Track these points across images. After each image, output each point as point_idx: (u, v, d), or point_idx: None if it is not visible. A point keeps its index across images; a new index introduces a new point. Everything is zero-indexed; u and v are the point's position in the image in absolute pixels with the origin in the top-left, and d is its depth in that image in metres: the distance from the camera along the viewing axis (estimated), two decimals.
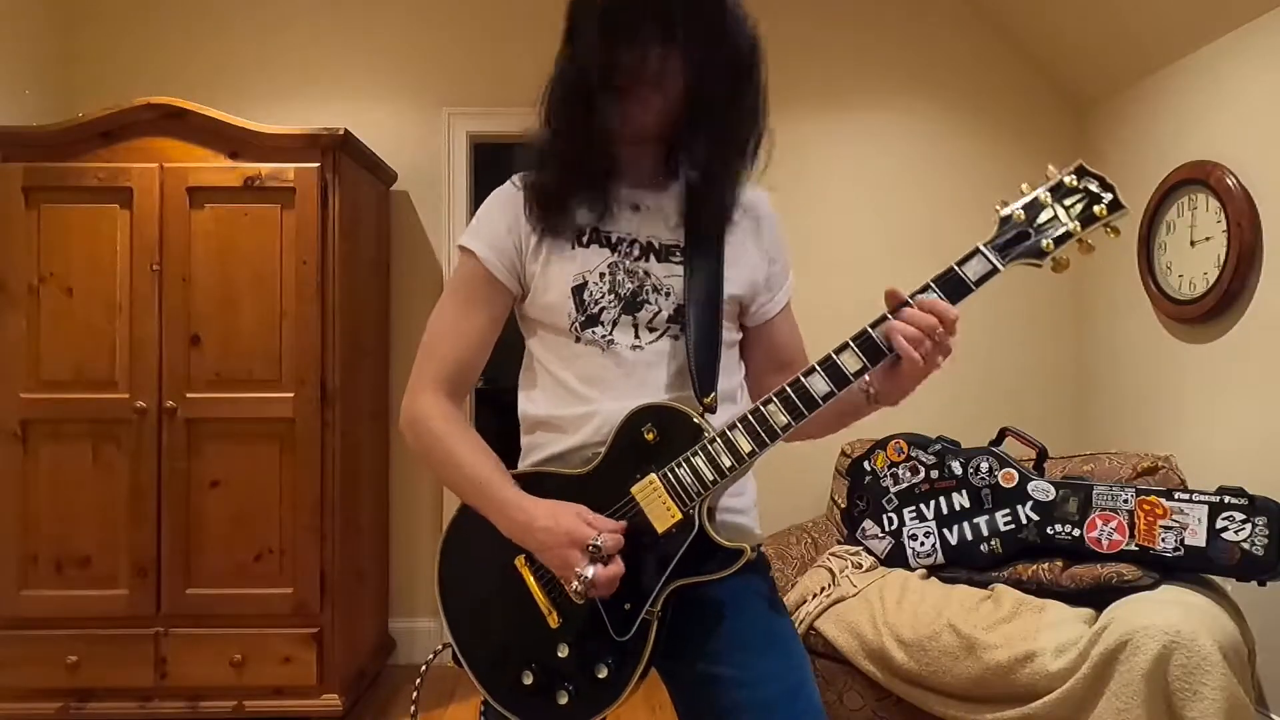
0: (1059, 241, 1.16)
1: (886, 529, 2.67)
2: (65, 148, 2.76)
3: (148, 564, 2.76)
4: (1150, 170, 2.98)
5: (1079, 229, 1.16)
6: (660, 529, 1.15)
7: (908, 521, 2.64)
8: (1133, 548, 2.30)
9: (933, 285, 1.15)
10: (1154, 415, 3.02)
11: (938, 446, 2.66)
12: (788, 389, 1.15)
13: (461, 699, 3.13)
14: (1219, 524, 2.20)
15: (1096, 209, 1.18)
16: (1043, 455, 2.61)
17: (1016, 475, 2.51)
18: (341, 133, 2.78)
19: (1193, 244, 2.79)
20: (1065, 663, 2.06)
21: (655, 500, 1.15)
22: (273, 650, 2.75)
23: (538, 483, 1.21)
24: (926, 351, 1.11)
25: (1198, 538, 2.22)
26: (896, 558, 2.64)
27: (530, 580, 1.20)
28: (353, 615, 2.94)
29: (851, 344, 1.15)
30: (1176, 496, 2.28)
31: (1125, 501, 2.34)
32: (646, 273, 1.25)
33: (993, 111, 3.51)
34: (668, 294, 1.24)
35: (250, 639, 2.74)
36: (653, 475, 1.16)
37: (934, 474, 2.63)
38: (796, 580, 2.62)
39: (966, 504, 2.56)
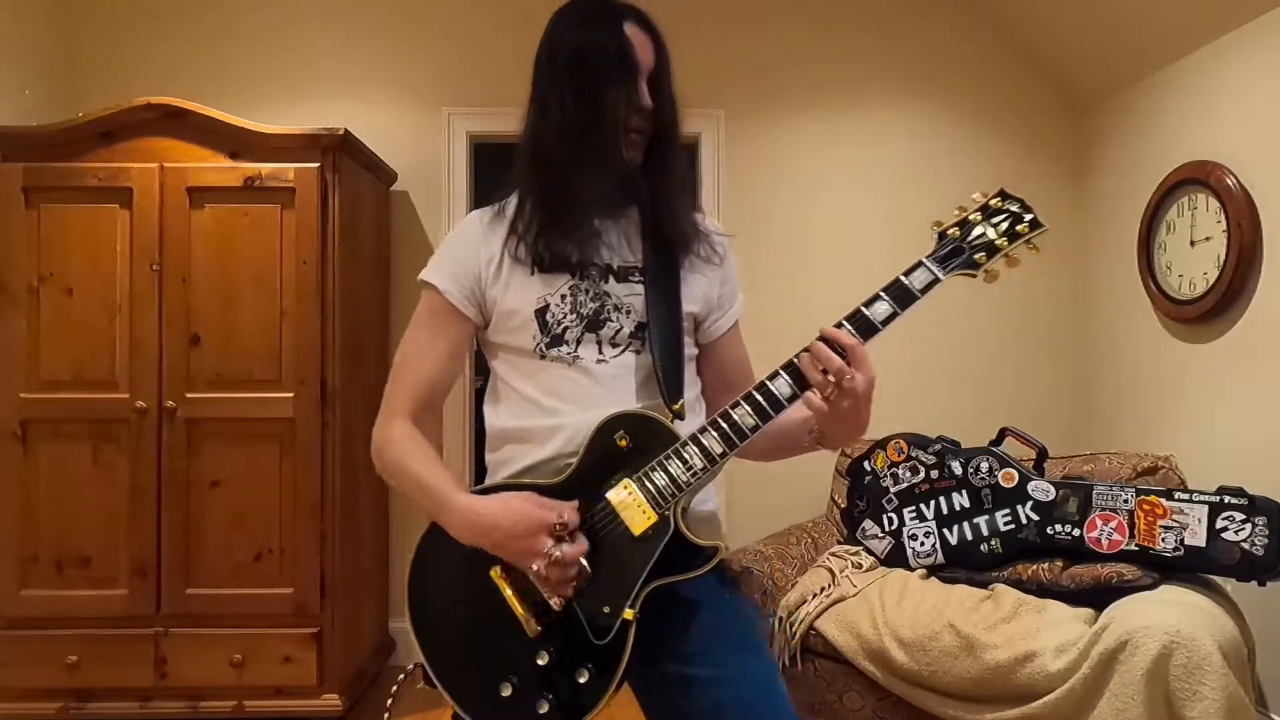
0: (990, 254, 1.28)
1: (886, 529, 2.67)
2: (65, 148, 2.76)
3: (148, 564, 2.76)
4: (1150, 170, 2.98)
5: (1006, 244, 1.29)
6: (636, 531, 1.18)
7: (908, 521, 2.64)
8: (1133, 548, 2.30)
9: (882, 294, 1.24)
10: (1154, 415, 3.02)
11: (938, 446, 2.66)
12: (754, 392, 1.21)
13: None
14: (1219, 524, 2.20)
15: (1019, 227, 1.30)
16: (1043, 455, 2.61)
17: (1016, 475, 2.51)
18: (341, 133, 2.78)
19: (1193, 244, 2.79)
20: (1065, 663, 2.06)
21: (631, 504, 1.19)
22: (273, 650, 2.75)
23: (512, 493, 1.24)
24: (828, 383, 1.18)
25: (1198, 538, 2.22)
26: (896, 558, 2.64)
27: (507, 591, 1.21)
28: (353, 615, 2.94)
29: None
30: (1176, 496, 2.28)
31: (1125, 501, 2.34)
32: (607, 293, 1.31)
33: (993, 111, 3.51)
34: (628, 312, 1.31)
35: (250, 639, 2.74)
36: (627, 480, 1.20)
37: (934, 474, 2.63)
38: (796, 580, 2.62)
39: (966, 504, 2.56)
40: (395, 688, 1.38)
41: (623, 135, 1.27)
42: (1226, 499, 2.21)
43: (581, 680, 1.18)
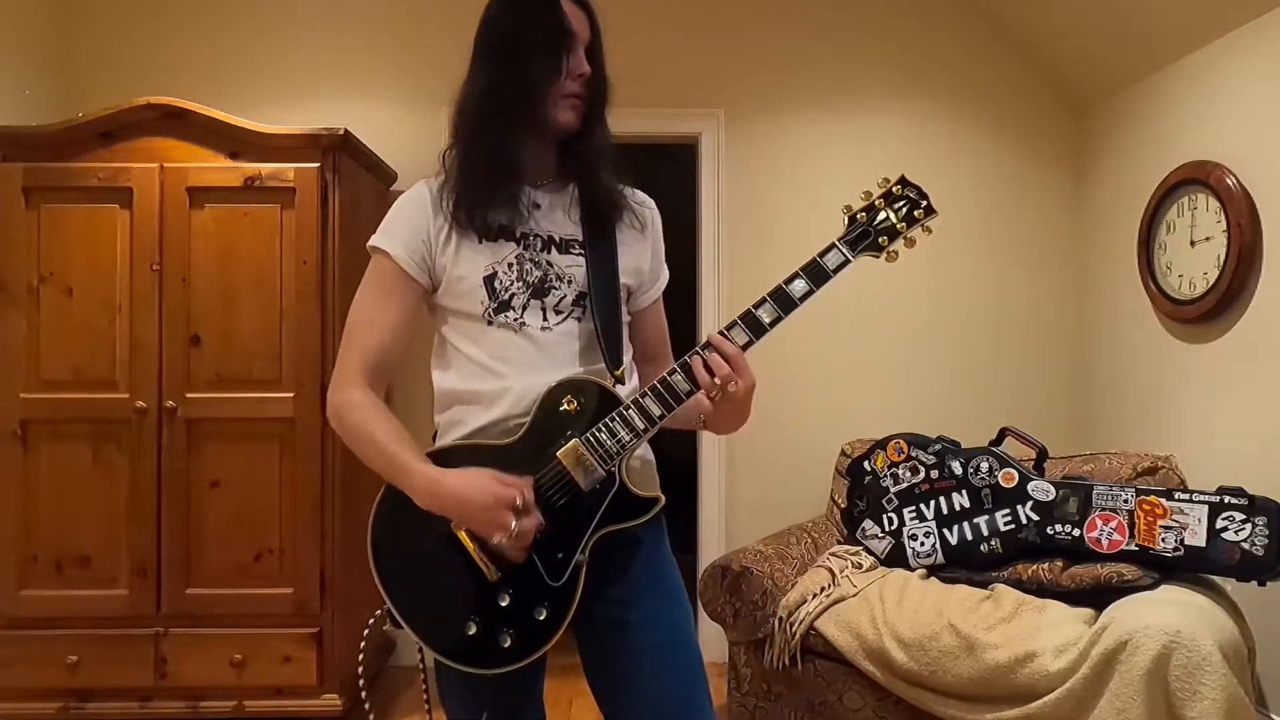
0: (891, 238, 1.40)
1: (886, 529, 2.67)
2: (65, 148, 2.76)
3: (148, 564, 2.76)
4: (1150, 170, 2.98)
5: (904, 228, 1.41)
6: (585, 486, 1.31)
7: (908, 521, 2.64)
8: (1133, 548, 2.30)
9: (800, 273, 1.36)
10: (1154, 415, 3.02)
11: (938, 446, 2.66)
12: (688, 360, 1.33)
13: None
14: (1219, 524, 2.21)
15: (916, 212, 1.42)
16: (1043, 455, 2.61)
17: (1016, 475, 2.51)
18: (341, 133, 2.78)
19: (1193, 244, 2.79)
20: (1065, 663, 2.06)
21: (579, 461, 1.31)
22: (273, 650, 2.75)
23: (469, 454, 1.33)
24: (714, 385, 1.30)
25: (1198, 538, 2.22)
26: (896, 558, 2.64)
27: (469, 543, 1.31)
28: (353, 615, 2.94)
29: (738, 319, 1.34)
30: (1176, 496, 2.28)
31: (1125, 501, 2.34)
32: (550, 263, 1.40)
33: (992, 112, 3.51)
34: (570, 281, 1.40)
35: (250, 639, 2.74)
36: (575, 440, 1.31)
37: (934, 474, 2.63)
38: (796, 580, 2.62)
39: (966, 504, 2.56)
40: (365, 631, 1.46)
41: (560, 100, 1.36)
42: (1226, 499, 2.22)
43: (540, 617, 1.31)
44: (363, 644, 1.51)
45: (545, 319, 1.38)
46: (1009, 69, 3.52)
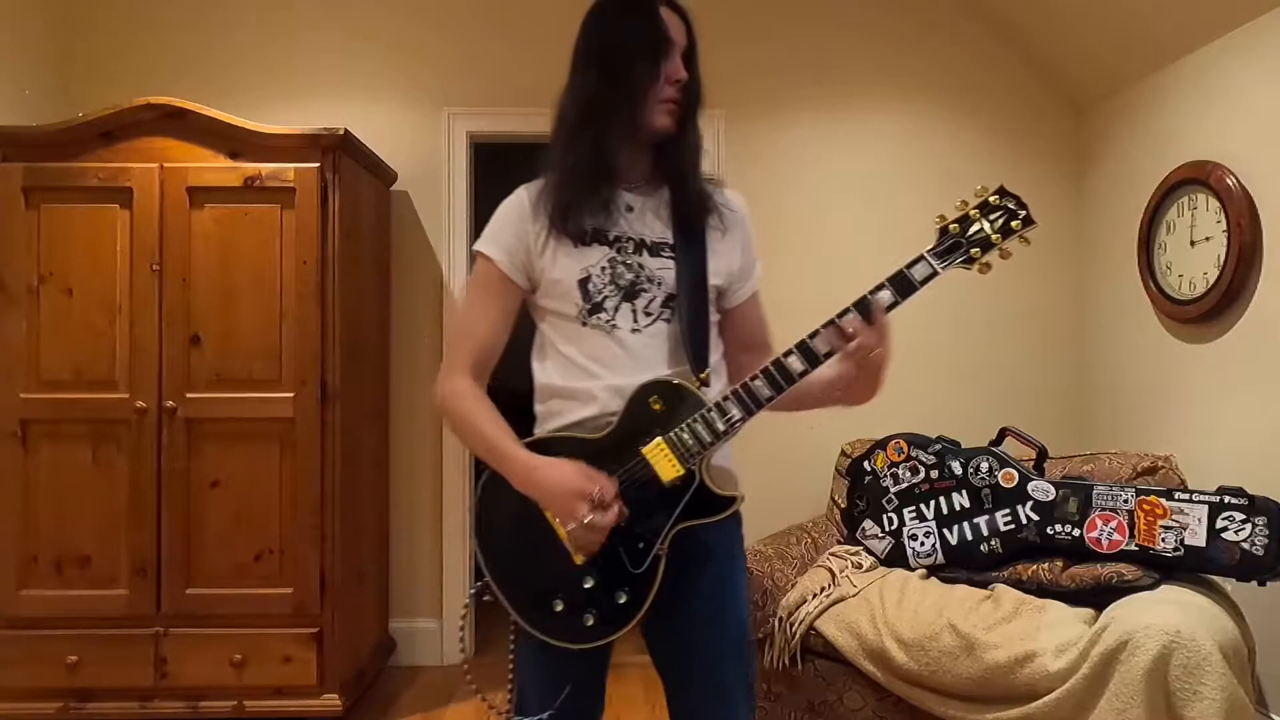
0: (984, 249, 1.41)
1: (886, 529, 2.67)
2: (65, 148, 2.76)
3: (148, 564, 2.76)
4: (1150, 170, 2.98)
5: (1000, 240, 1.41)
6: (667, 481, 1.38)
7: (908, 521, 2.64)
8: (1133, 548, 2.30)
9: (886, 283, 1.39)
10: (1154, 415, 3.02)
11: (938, 446, 2.66)
12: (771, 367, 1.39)
13: (461, 699, 3.13)
14: (1219, 524, 2.20)
15: (1013, 223, 1.42)
16: (1043, 455, 2.61)
17: (1016, 475, 2.51)
18: (341, 133, 2.78)
19: (1193, 244, 2.79)
20: (1065, 663, 2.06)
21: (662, 458, 1.38)
22: (273, 650, 2.75)
23: (563, 445, 1.43)
24: (853, 349, 1.37)
25: (1198, 538, 2.22)
26: (896, 558, 2.64)
27: (559, 527, 1.40)
28: (353, 615, 2.94)
29: (822, 330, 1.39)
30: (1176, 496, 2.28)
31: (1125, 501, 2.34)
32: (641, 265, 1.46)
33: (992, 111, 3.51)
34: (660, 284, 1.46)
35: (250, 639, 2.74)
36: (660, 438, 1.39)
37: (934, 474, 2.63)
38: (796, 580, 2.62)
39: (966, 504, 2.56)
40: (467, 602, 1.57)
41: (658, 104, 1.42)
42: (1226, 499, 2.21)
43: (620, 601, 1.40)
44: (463, 613, 1.60)
45: (635, 321, 1.45)
46: (1009, 69, 3.52)
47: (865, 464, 2.77)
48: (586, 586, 1.40)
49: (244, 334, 2.77)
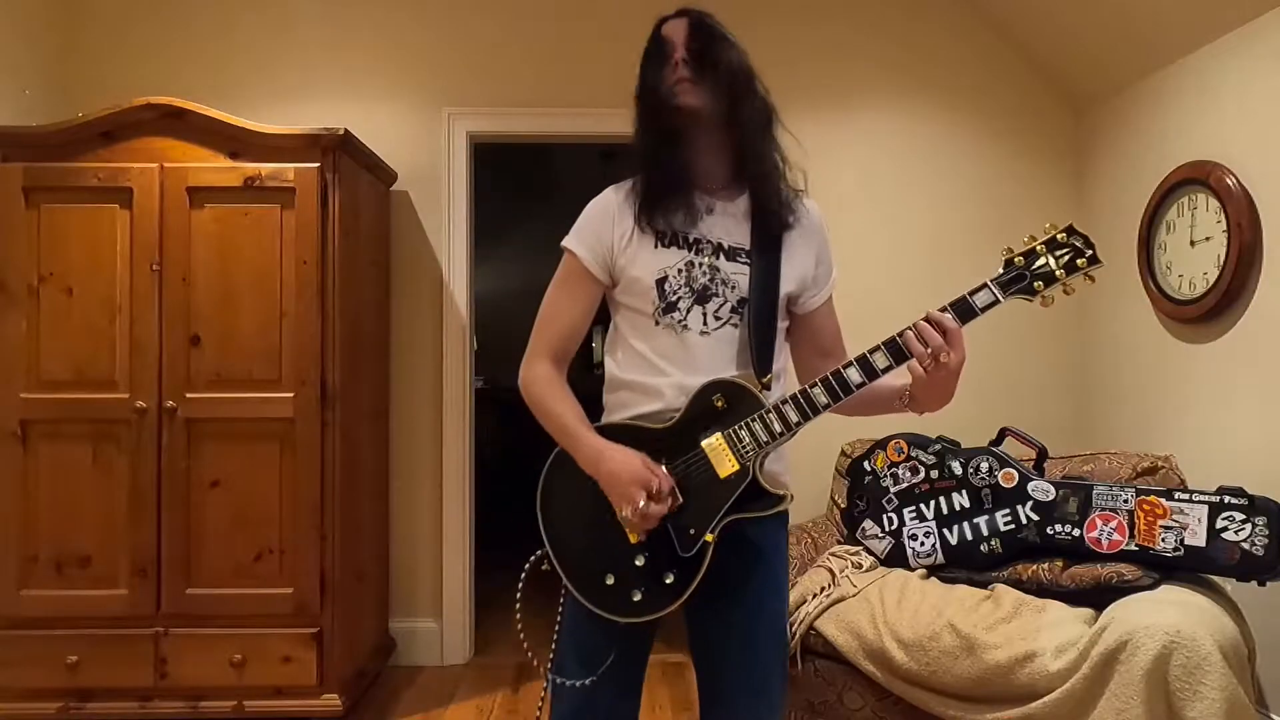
0: (1048, 283, 1.49)
1: (886, 529, 2.67)
2: (65, 148, 2.76)
3: (148, 564, 2.76)
4: (1150, 170, 2.98)
5: (1064, 275, 1.49)
6: (722, 475, 1.48)
7: (908, 521, 2.64)
8: (1133, 548, 2.30)
9: (949, 308, 1.47)
10: (1154, 415, 3.02)
11: (938, 446, 2.66)
12: (830, 377, 1.47)
13: (461, 699, 3.13)
14: (1219, 524, 2.20)
15: (1079, 261, 1.50)
16: (1043, 455, 2.61)
17: (1016, 475, 2.51)
18: (341, 133, 2.78)
19: (1193, 244, 2.79)
20: (1065, 663, 2.06)
21: (720, 453, 1.48)
22: (273, 650, 2.75)
23: (628, 433, 1.53)
24: (926, 355, 1.44)
25: (1198, 538, 2.22)
26: (896, 558, 2.64)
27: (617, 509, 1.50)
28: (353, 615, 2.94)
29: (883, 346, 1.47)
30: (1176, 496, 2.28)
31: (1125, 501, 2.34)
32: (717, 268, 1.54)
33: (993, 111, 3.51)
34: (734, 288, 1.54)
35: (250, 639, 2.74)
36: (719, 434, 1.48)
37: (934, 474, 2.63)
38: (796, 580, 2.62)
39: (966, 504, 2.56)
40: (526, 568, 1.62)
41: (673, 87, 1.51)
42: (1226, 499, 2.21)
43: (668, 581, 1.48)
44: (520, 584, 1.66)
45: (705, 323, 1.53)
46: (1009, 69, 3.52)
47: (865, 464, 2.77)
48: (638, 564, 1.50)
49: (244, 334, 2.77)
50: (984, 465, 2.56)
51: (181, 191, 2.76)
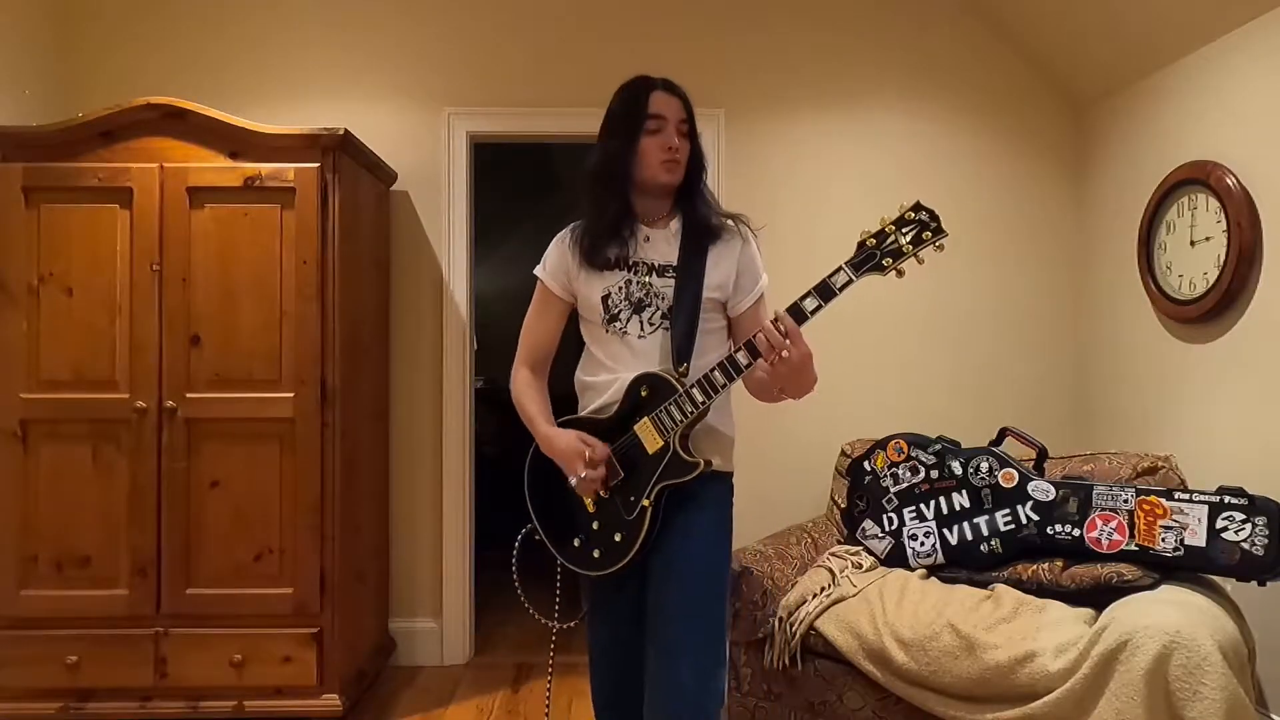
0: (895, 258, 1.70)
1: (886, 529, 2.67)
2: (65, 148, 2.76)
3: (148, 564, 2.76)
4: (1150, 170, 2.98)
5: (911, 249, 1.69)
6: (650, 451, 1.79)
7: (908, 521, 2.64)
8: (1133, 548, 2.30)
9: (812, 292, 1.70)
10: (1154, 415, 3.02)
11: (938, 446, 2.66)
12: (725, 360, 1.75)
13: (461, 699, 3.13)
14: (1219, 524, 2.20)
15: (924, 234, 1.69)
16: (1043, 455, 2.61)
17: (1016, 475, 2.51)
18: (341, 133, 2.78)
19: (1193, 244, 2.79)
20: (1065, 663, 2.06)
21: (648, 433, 1.79)
22: (273, 650, 2.75)
23: (580, 423, 1.89)
24: (770, 353, 1.68)
25: (1198, 538, 2.22)
26: (896, 558, 2.64)
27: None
28: (353, 615, 2.94)
29: (744, 345, 1.73)
30: (1176, 496, 2.28)
31: (1125, 501, 2.34)
32: (649, 284, 1.86)
33: (992, 111, 3.51)
34: (663, 298, 1.86)
35: (250, 639, 2.75)
36: (647, 418, 1.79)
37: (934, 474, 2.63)
38: (796, 580, 2.62)
39: (966, 504, 2.56)
40: (519, 538, 2.00)
41: (659, 165, 1.83)
42: (1226, 499, 2.21)
43: (617, 539, 1.82)
44: (515, 551, 1.99)
45: (641, 329, 1.85)
46: (1009, 69, 3.52)
47: (865, 464, 2.77)
48: (594, 527, 1.85)
49: (244, 334, 2.77)
50: (984, 465, 2.56)
51: (181, 191, 2.76)
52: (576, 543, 1.87)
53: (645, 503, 1.78)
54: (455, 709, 3.06)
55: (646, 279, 1.85)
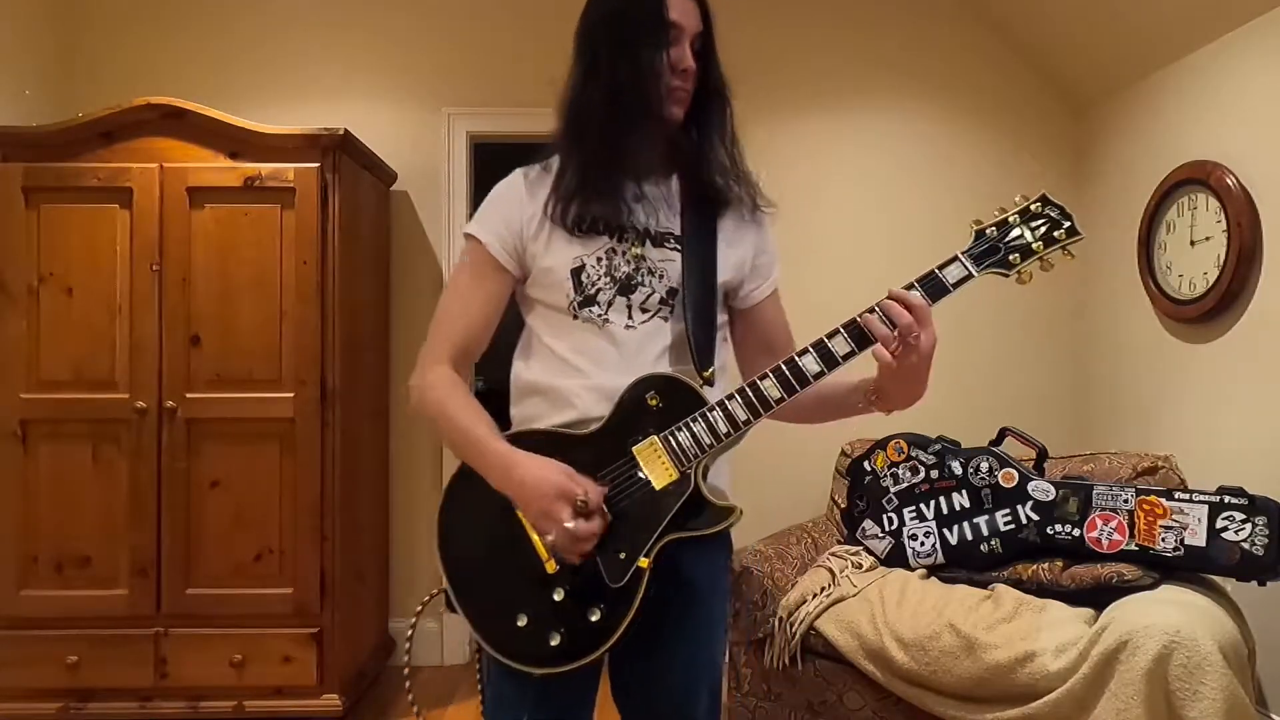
0: (1024, 256, 1.31)
1: (886, 529, 2.67)
2: (65, 148, 2.76)
3: (148, 564, 2.76)
4: (1150, 170, 2.98)
5: (1041, 248, 1.31)
6: (658, 485, 1.24)
7: (908, 521, 2.64)
8: (1133, 548, 2.30)
9: (916, 284, 1.28)
10: (1154, 415, 3.01)
11: (938, 446, 2.66)
12: (782, 366, 1.26)
13: (461, 699, 3.13)
14: (1219, 524, 2.20)
15: (1057, 233, 1.32)
16: (1043, 455, 2.61)
17: (1016, 475, 2.51)
18: (341, 133, 2.78)
19: (1192, 244, 2.79)
20: (1065, 663, 2.06)
21: (655, 459, 1.25)
22: (273, 650, 2.75)
23: (547, 440, 1.29)
24: (892, 337, 1.24)
25: (1198, 537, 2.22)
26: (896, 558, 2.64)
27: (532, 532, 1.25)
28: (353, 615, 2.94)
29: (842, 330, 1.26)
30: (1176, 496, 2.28)
31: (1125, 501, 2.34)
32: (642, 256, 1.34)
33: (992, 111, 3.51)
34: (661, 276, 1.34)
35: (250, 639, 2.74)
36: (654, 437, 1.25)
37: (934, 474, 2.63)
38: (796, 580, 2.62)
39: (966, 504, 2.56)
40: (419, 609, 1.48)
41: (666, 94, 1.30)
42: (1226, 499, 2.21)
43: (593, 619, 1.22)
44: (414, 620, 1.54)
45: (630, 317, 1.33)
46: (1009, 69, 3.52)
47: (865, 464, 2.77)
48: (556, 599, 1.23)
49: (244, 334, 2.77)
50: (984, 465, 2.56)
51: (181, 191, 2.76)
52: (522, 621, 1.24)
53: (642, 563, 1.22)
54: (455, 709, 3.06)
55: (637, 249, 1.33)
